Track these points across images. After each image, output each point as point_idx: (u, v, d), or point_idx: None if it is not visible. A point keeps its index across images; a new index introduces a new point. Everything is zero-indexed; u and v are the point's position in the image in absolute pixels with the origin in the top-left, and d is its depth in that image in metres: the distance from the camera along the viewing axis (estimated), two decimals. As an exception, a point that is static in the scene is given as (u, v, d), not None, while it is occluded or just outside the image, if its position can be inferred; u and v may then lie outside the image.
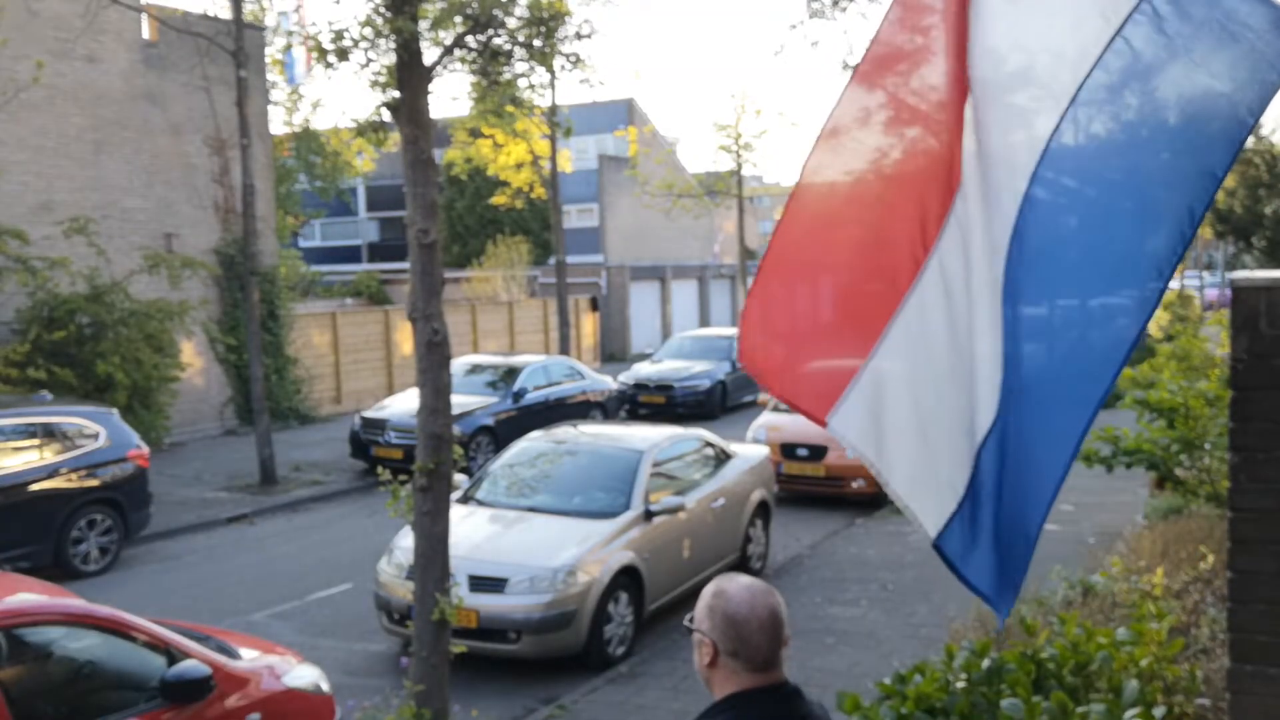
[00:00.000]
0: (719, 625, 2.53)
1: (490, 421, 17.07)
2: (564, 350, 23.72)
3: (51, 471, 11.45)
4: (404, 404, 16.88)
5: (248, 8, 20.48)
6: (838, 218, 3.42)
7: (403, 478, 6.48)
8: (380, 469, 7.35)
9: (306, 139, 33.00)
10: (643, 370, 23.60)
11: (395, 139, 6.41)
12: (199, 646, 5.73)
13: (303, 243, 43.72)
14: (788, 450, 14.52)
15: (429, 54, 6.14)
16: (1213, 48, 2.73)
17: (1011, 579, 3.29)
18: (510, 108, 18.65)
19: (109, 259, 17.08)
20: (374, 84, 6.02)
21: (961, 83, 3.11)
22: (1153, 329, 33.18)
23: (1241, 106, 2.72)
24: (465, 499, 9.95)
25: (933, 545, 3.31)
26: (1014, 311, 3.08)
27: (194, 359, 19.82)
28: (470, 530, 9.11)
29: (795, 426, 15.02)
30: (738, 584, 2.58)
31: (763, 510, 11.52)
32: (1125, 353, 2.97)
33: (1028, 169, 3.01)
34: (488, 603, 8.46)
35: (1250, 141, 23.30)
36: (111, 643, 5.48)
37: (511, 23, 6.27)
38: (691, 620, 2.61)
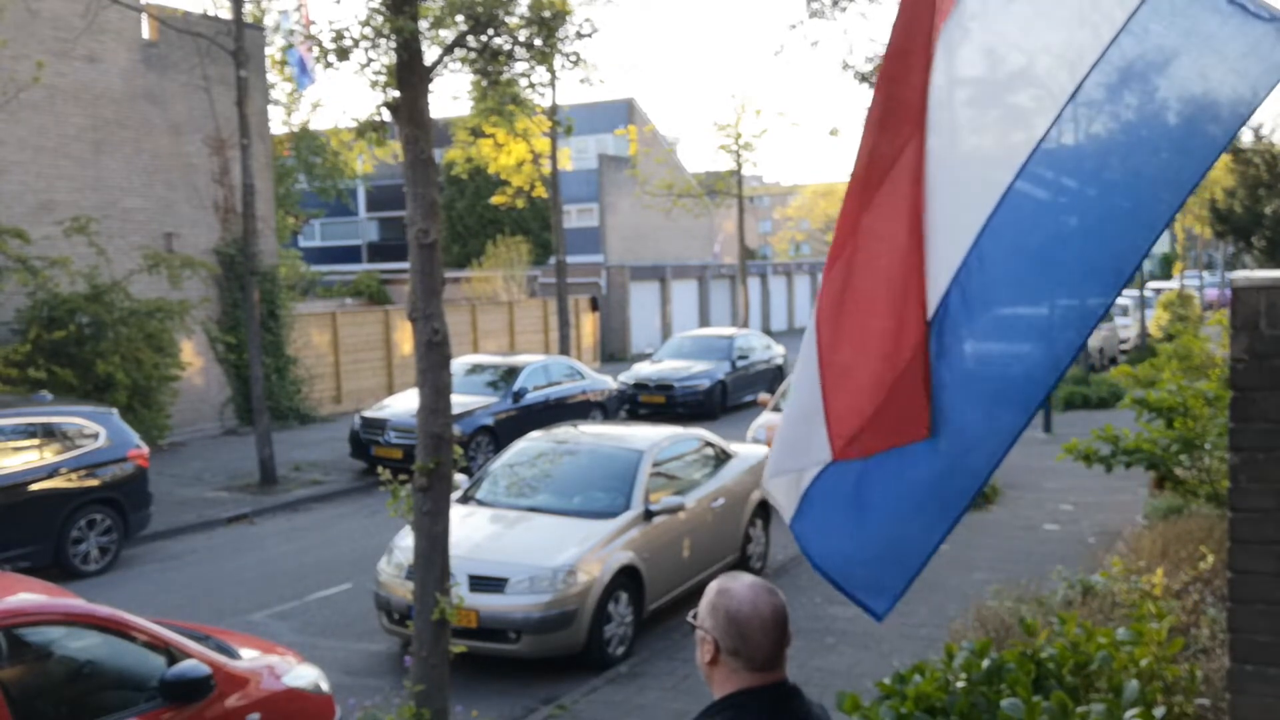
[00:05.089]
0: (721, 623, 2.54)
1: (490, 421, 17.07)
2: (564, 350, 23.71)
3: (51, 471, 11.45)
4: (404, 404, 16.88)
5: (248, 8, 20.48)
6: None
7: (403, 478, 6.48)
8: (380, 469, 7.35)
9: (306, 139, 33.00)
10: (643, 370, 23.59)
11: (395, 147, 6.41)
12: (199, 646, 5.73)
13: (303, 243, 43.74)
14: (788, 450, 14.50)
15: (429, 54, 6.14)
16: (1217, 39, 2.75)
17: (887, 582, 3.36)
18: (511, 107, 18.65)
19: (109, 259, 17.08)
20: (374, 84, 6.02)
21: (921, 86, 3.15)
22: (1153, 329, 33.21)
23: (1224, 117, 2.76)
24: (465, 499, 9.95)
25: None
26: (959, 314, 3.12)
27: (194, 359, 19.82)
28: (470, 530, 9.10)
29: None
30: (742, 583, 2.59)
31: (763, 510, 11.52)
32: (1061, 369, 3.02)
33: (1018, 168, 3.03)
34: (488, 603, 8.46)
35: (1250, 141, 23.28)
36: (111, 643, 5.48)
37: (512, 22, 6.27)
38: (695, 616, 2.61)
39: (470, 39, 6.21)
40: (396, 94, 6.05)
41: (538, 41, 6.36)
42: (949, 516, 3.23)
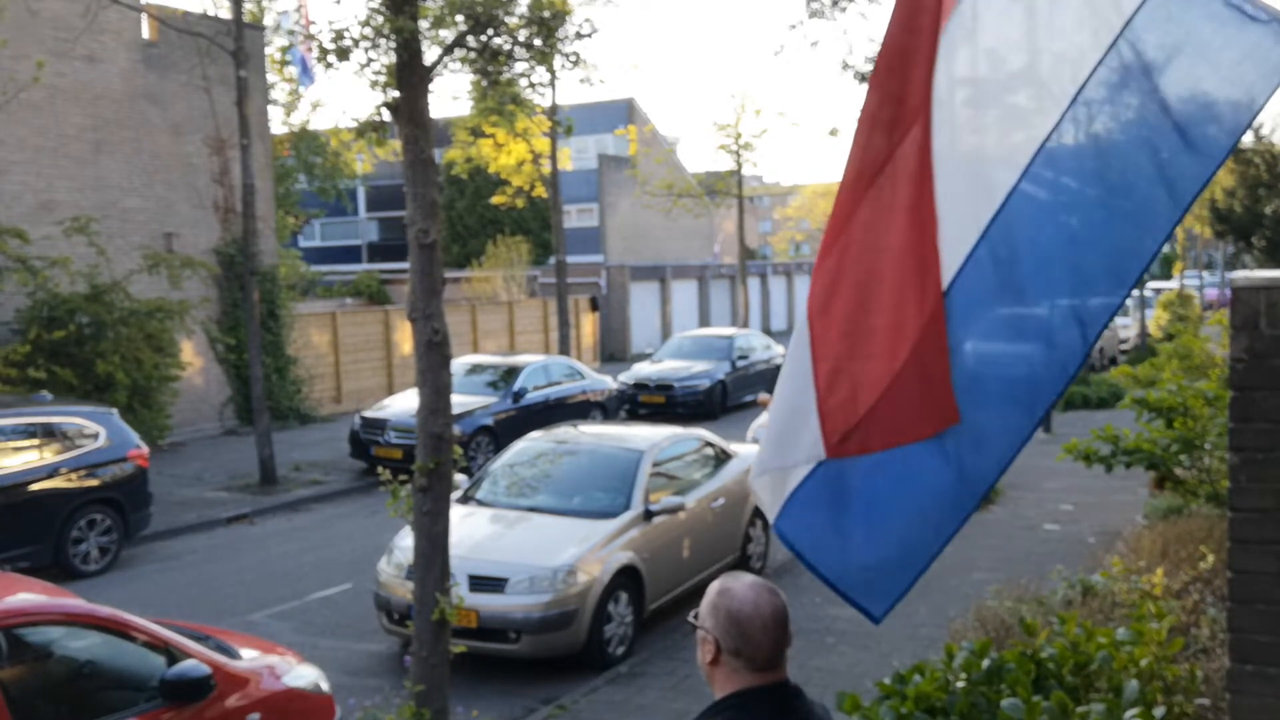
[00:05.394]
0: (722, 623, 2.53)
1: (490, 421, 17.07)
2: (564, 350, 23.71)
3: (51, 471, 11.45)
4: (404, 404, 16.88)
5: (248, 8, 20.47)
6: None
7: (403, 478, 6.48)
8: (380, 469, 7.35)
9: (306, 139, 33.00)
10: (643, 370, 23.59)
11: (395, 145, 6.41)
12: (199, 646, 5.73)
13: (303, 243, 43.75)
14: (788, 450, 14.49)
15: (429, 54, 6.14)
16: (1211, 49, 2.77)
17: (888, 585, 3.34)
18: (511, 107, 18.66)
19: (109, 259, 17.08)
20: (374, 84, 6.02)
21: (921, 84, 3.15)
22: (1153, 329, 33.22)
23: (1225, 120, 2.78)
24: (465, 499, 9.95)
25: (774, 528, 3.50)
26: (965, 314, 3.12)
27: (194, 359, 19.82)
28: (470, 530, 9.10)
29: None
30: (743, 583, 2.59)
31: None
32: (1070, 372, 3.02)
33: (1023, 168, 3.04)
34: (488, 603, 8.46)
35: (1250, 141, 23.29)
36: (111, 643, 5.48)
37: (512, 22, 6.27)
38: (696, 616, 2.61)
39: (470, 39, 6.21)
40: (396, 94, 6.05)
41: (537, 41, 6.36)
42: (956, 518, 3.22)
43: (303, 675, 6.26)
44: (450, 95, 44.26)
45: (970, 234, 3.08)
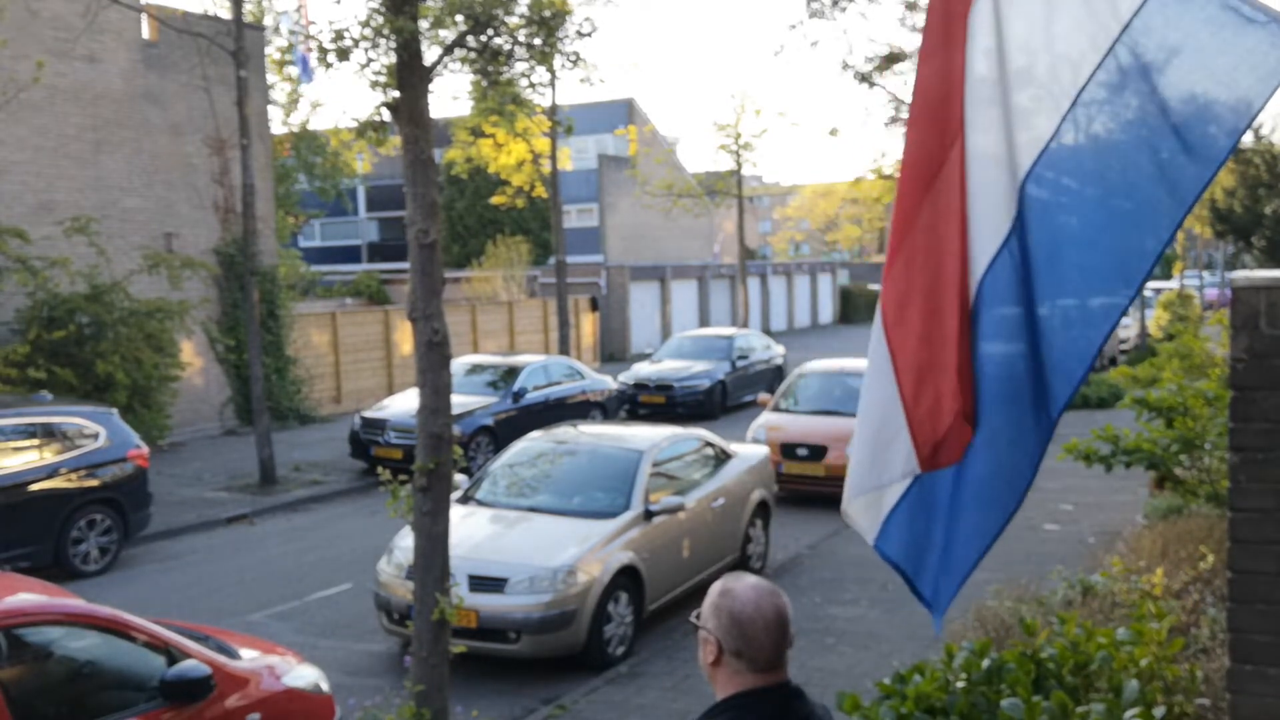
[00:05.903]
0: (724, 624, 2.53)
1: (490, 421, 17.07)
2: (564, 350, 23.71)
3: (51, 471, 11.45)
4: (404, 404, 16.88)
5: (248, 8, 20.47)
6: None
7: (403, 478, 6.47)
8: (380, 469, 7.35)
9: (306, 139, 33.00)
10: (643, 370, 23.59)
11: (395, 143, 6.40)
12: (199, 646, 5.73)
13: (303, 243, 43.75)
14: (788, 450, 14.52)
15: (429, 54, 6.14)
16: (1207, 53, 2.78)
17: (946, 594, 3.39)
18: (511, 107, 18.66)
19: (109, 259, 17.09)
20: (374, 84, 6.02)
21: (959, 83, 3.17)
22: (1153, 329, 33.21)
23: (1224, 120, 2.78)
24: (465, 499, 9.95)
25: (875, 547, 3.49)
26: (995, 312, 3.14)
27: (194, 359, 19.82)
28: (470, 530, 9.11)
29: (795, 426, 15.03)
30: (744, 584, 2.58)
31: (763, 510, 11.52)
32: (1079, 372, 3.03)
33: (1026, 169, 3.06)
34: (488, 603, 8.47)
35: (1250, 141, 23.31)
36: (111, 643, 5.48)
37: (512, 22, 6.27)
38: (698, 617, 2.61)
39: (470, 39, 6.21)
40: (396, 94, 6.05)
41: (538, 41, 6.36)
42: (1000, 517, 3.21)
43: (303, 675, 6.26)
44: (450, 95, 44.27)
45: (1000, 231, 3.10)
